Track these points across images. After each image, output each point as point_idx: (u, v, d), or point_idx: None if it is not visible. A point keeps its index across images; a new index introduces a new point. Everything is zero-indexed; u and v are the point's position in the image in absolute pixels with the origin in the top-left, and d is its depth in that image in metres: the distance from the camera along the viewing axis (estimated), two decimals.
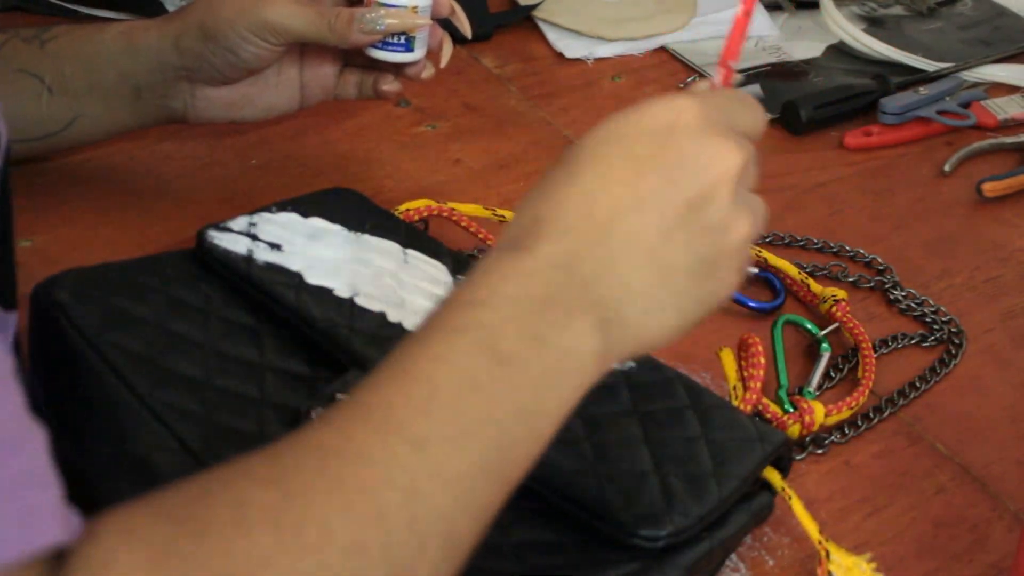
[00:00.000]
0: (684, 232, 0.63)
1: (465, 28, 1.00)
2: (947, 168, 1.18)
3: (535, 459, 0.60)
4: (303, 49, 0.97)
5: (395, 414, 0.56)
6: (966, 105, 1.23)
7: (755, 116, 0.68)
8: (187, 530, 0.51)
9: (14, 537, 0.48)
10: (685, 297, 0.64)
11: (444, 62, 0.99)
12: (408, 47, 0.95)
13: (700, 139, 0.64)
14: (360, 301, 0.85)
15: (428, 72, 0.98)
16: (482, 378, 0.58)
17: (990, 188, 1.14)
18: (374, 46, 0.95)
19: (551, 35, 1.29)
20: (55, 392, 0.81)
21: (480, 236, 1.00)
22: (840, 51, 1.31)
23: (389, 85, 0.98)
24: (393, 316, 0.85)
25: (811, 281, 1.02)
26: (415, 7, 0.94)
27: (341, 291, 0.86)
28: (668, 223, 0.63)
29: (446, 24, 0.99)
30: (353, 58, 0.99)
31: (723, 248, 0.65)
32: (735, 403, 0.88)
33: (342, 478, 0.54)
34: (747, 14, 0.72)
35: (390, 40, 0.94)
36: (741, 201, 0.65)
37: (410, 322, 0.84)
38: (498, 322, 0.59)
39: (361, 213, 0.93)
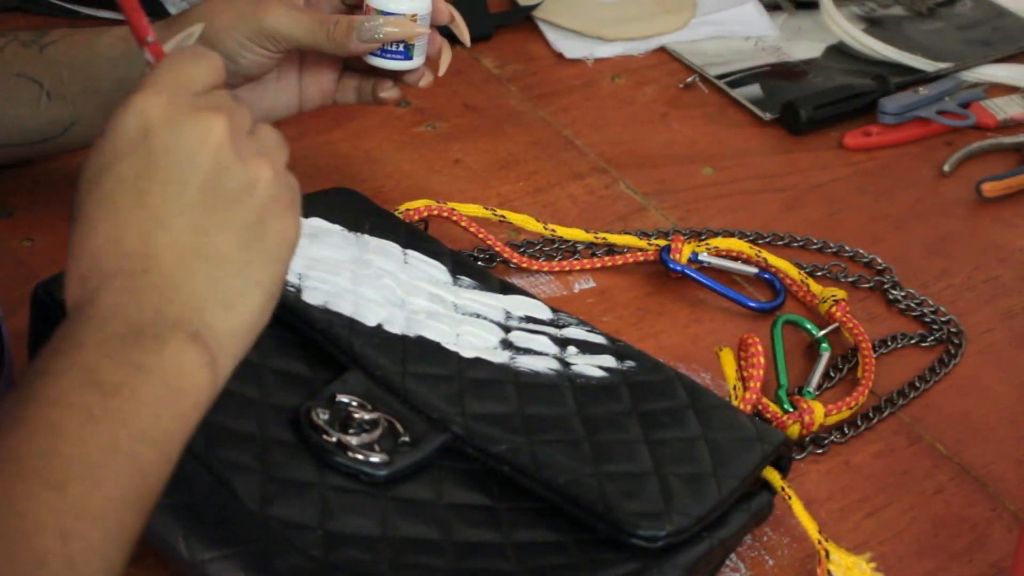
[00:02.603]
0: (214, 216, 0.63)
1: (464, 37, 1.00)
2: (947, 168, 1.18)
3: (166, 481, 0.60)
4: (302, 55, 0.97)
5: (27, 461, 0.56)
6: (966, 105, 1.23)
7: (206, 66, 0.66)
8: None
9: None
10: (254, 267, 0.64)
11: (443, 70, 0.99)
12: (407, 55, 0.95)
13: (174, 128, 0.63)
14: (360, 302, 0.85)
15: (427, 80, 0.98)
16: (96, 411, 0.58)
17: (990, 188, 1.14)
18: (373, 54, 0.94)
19: (551, 35, 1.29)
20: None
21: (480, 236, 1.00)
22: (840, 51, 1.31)
23: (387, 92, 0.98)
24: (393, 317, 0.85)
25: (811, 281, 1.02)
26: (414, 15, 0.93)
27: None
28: (196, 219, 0.63)
29: (444, 30, 0.99)
30: (352, 63, 0.98)
31: (258, 203, 0.64)
32: (735, 403, 0.88)
33: None
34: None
35: (389, 48, 0.94)
36: (247, 153, 0.65)
37: (409, 323, 0.84)
38: (93, 360, 0.59)
39: (361, 213, 0.93)
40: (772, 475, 0.81)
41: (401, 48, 0.94)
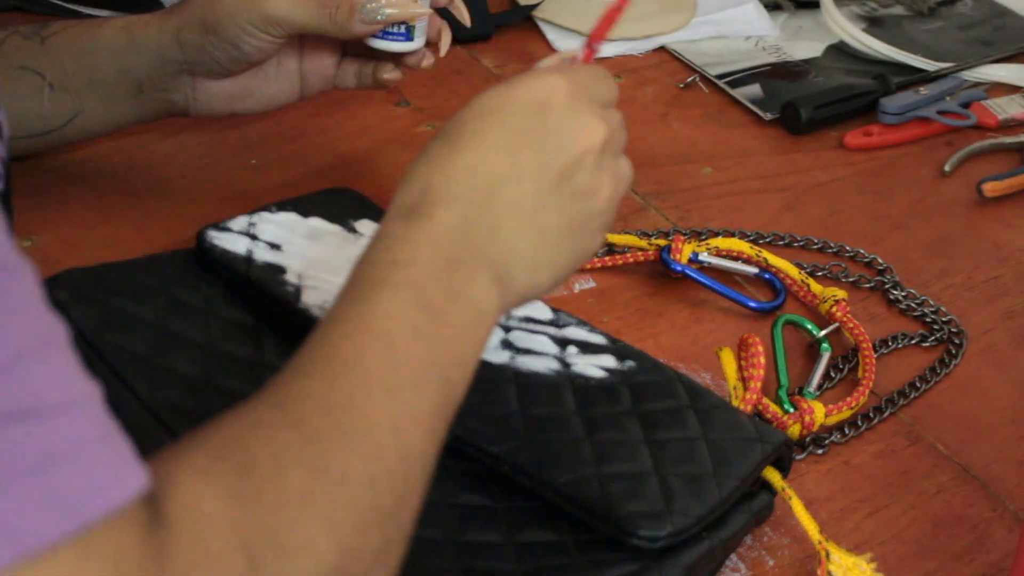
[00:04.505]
0: (557, 198, 0.71)
1: (464, 17, 1.00)
2: (947, 168, 1.18)
3: (464, 396, 0.67)
4: (302, 40, 0.97)
5: (365, 366, 0.63)
6: (966, 105, 1.23)
7: (611, 88, 0.76)
8: (242, 470, 0.57)
9: (120, 483, 0.52)
10: (559, 255, 0.72)
11: (443, 51, 0.99)
12: (408, 36, 0.95)
13: (569, 115, 0.72)
14: None
15: (428, 61, 0.99)
16: (424, 329, 0.65)
17: (990, 188, 1.14)
18: (374, 36, 0.95)
19: (551, 35, 1.29)
20: None
21: None
22: (840, 51, 1.31)
23: (389, 73, 0.98)
24: None
25: (811, 281, 1.02)
26: None
27: None
28: (543, 190, 0.71)
29: (446, 15, 0.99)
30: (352, 48, 0.99)
31: (591, 211, 0.73)
32: (735, 403, 0.88)
33: (342, 422, 0.61)
34: (620, 8, 0.79)
35: (390, 30, 0.95)
36: (605, 168, 0.73)
37: None
38: (424, 280, 0.66)
39: (361, 213, 0.93)
40: (772, 475, 0.81)
41: (402, 29, 0.95)
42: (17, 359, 0.50)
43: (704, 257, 1.02)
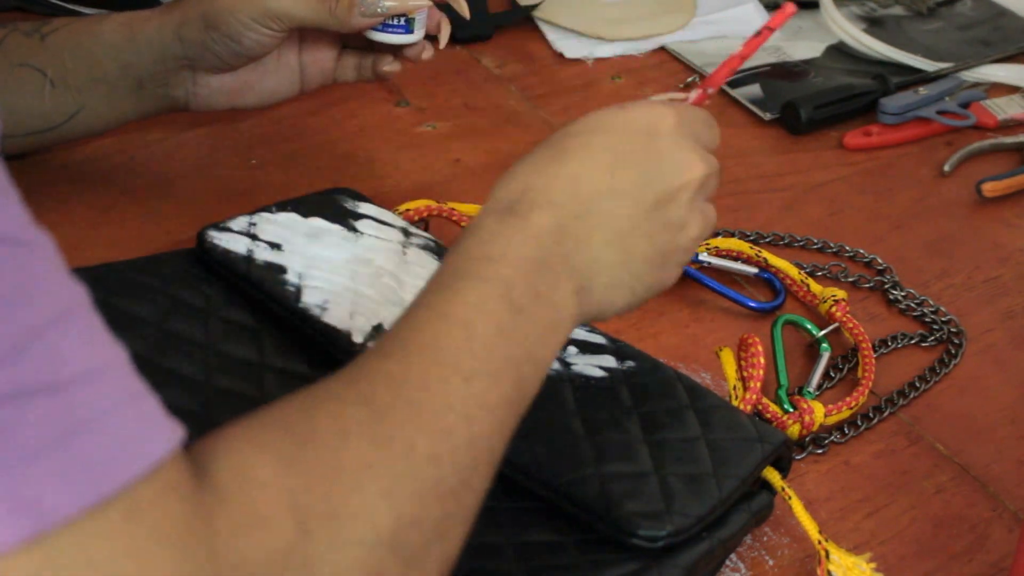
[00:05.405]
0: (648, 224, 0.73)
1: (463, 10, 1.00)
2: (947, 168, 1.18)
3: (533, 398, 0.68)
4: (302, 34, 0.98)
5: (444, 351, 0.64)
6: (966, 105, 1.23)
7: (715, 134, 0.79)
8: (301, 440, 0.59)
9: (153, 439, 0.53)
10: (639, 281, 0.74)
11: (443, 43, 1.00)
12: (408, 28, 0.96)
13: (674, 147, 0.74)
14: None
15: (428, 53, 0.99)
16: (505, 324, 0.66)
17: (990, 188, 1.14)
18: (374, 29, 0.95)
19: (551, 35, 1.29)
20: None
21: None
22: (840, 51, 1.31)
23: (389, 66, 0.99)
24: (393, 316, 0.85)
25: (811, 281, 1.02)
26: None
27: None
28: (637, 214, 0.73)
29: (444, 9, 0.99)
30: (351, 41, 0.99)
31: (676, 244, 0.75)
32: (735, 403, 0.88)
33: (414, 402, 0.62)
34: (743, 57, 0.82)
35: (390, 22, 0.95)
36: (698, 207, 0.75)
37: None
38: (511, 277, 0.68)
39: (361, 213, 0.93)
40: (772, 475, 0.81)
41: (402, 22, 0.95)
42: (40, 332, 0.51)
43: (704, 257, 1.03)
